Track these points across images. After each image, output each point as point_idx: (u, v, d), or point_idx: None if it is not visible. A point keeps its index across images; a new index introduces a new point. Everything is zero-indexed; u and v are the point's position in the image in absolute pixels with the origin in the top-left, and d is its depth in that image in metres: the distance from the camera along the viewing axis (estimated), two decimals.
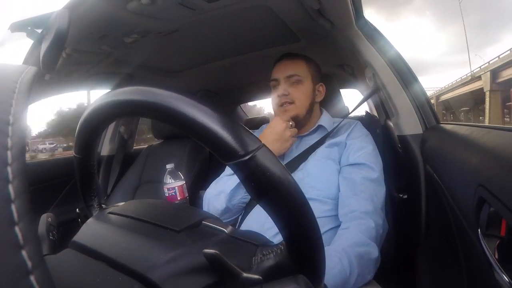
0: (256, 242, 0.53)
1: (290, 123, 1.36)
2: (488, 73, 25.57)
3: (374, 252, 1.08)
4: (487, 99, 26.02)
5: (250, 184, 0.40)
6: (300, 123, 1.44)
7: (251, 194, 0.42)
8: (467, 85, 31.70)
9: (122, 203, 0.75)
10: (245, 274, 0.43)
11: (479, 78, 28.04)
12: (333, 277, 0.94)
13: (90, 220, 0.66)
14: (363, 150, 1.32)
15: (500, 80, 25.12)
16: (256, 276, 0.44)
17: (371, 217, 1.14)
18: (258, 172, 0.39)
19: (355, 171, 1.28)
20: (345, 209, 1.20)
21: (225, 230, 0.57)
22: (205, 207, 1.41)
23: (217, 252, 0.42)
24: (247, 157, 0.38)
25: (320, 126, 1.46)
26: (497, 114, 25.77)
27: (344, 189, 1.26)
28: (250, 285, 0.43)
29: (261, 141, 0.40)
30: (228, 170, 1.46)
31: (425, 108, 1.38)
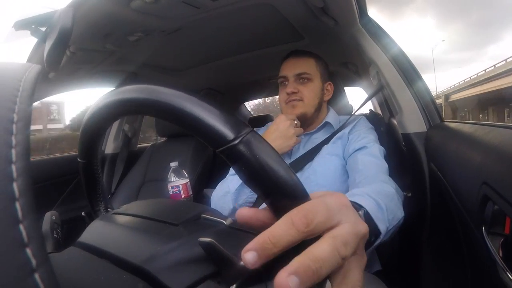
0: (254, 231, 0.53)
1: (296, 122, 1.34)
2: (443, 96, 46.49)
3: (389, 189, 1.01)
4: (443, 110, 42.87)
5: (241, 169, 0.39)
6: (307, 121, 1.44)
7: (244, 180, 0.41)
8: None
9: (126, 205, 0.75)
10: (241, 262, 0.43)
11: (439, 97, 48.25)
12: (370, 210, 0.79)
13: (94, 221, 0.66)
14: (365, 139, 1.32)
15: (450, 100, 45.74)
16: None
17: (377, 177, 1.12)
18: (249, 155, 0.38)
19: (357, 154, 1.28)
20: (353, 183, 1.18)
21: (224, 222, 0.57)
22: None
23: (212, 240, 0.42)
24: (236, 141, 0.38)
25: (327, 123, 1.46)
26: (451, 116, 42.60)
27: (351, 174, 1.25)
28: (247, 273, 0.43)
29: (249, 126, 0.40)
30: (232, 170, 1.45)
31: (429, 106, 1.38)
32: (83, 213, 2.12)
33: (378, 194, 0.91)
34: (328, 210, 0.39)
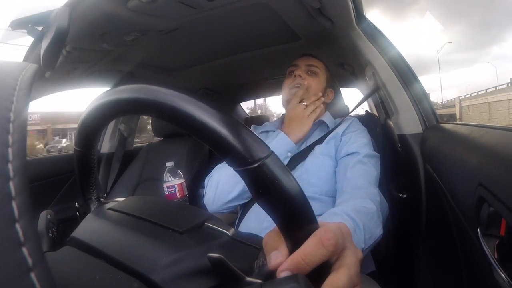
0: (258, 245, 0.53)
1: (305, 103, 1.40)
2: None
3: (370, 206, 1.03)
4: None
5: (258, 191, 0.39)
6: None
7: (257, 200, 0.41)
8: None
9: (121, 199, 0.75)
10: (247, 278, 0.43)
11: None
12: None
13: (89, 215, 0.66)
14: (356, 143, 1.34)
15: None
16: (258, 281, 0.44)
17: (364, 191, 1.13)
18: (266, 180, 0.38)
19: (347, 159, 1.30)
20: (340, 191, 1.21)
21: (228, 233, 0.57)
22: (211, 191, 1.36)
23: (221, 256, 0.42)
24: (255, 165, 0.37)
25: (322, 122, 1.48)
26: None
27: (338, 178, 1.28)
28: None
29: (269, 148, 0.40)
30: None
31: (425, 108, 1.38)
32: (76, 204, 2.12)
33: (358, 213, 0.96)
34: (343, 234, 0.43)
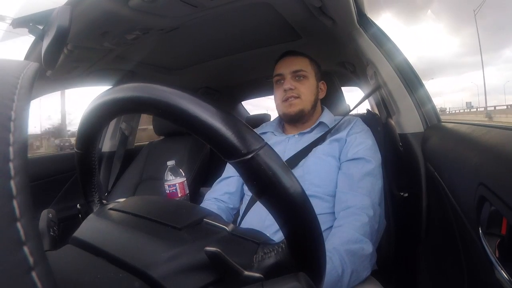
0: (257, 240, 0.53)
1: None
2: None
3: (368, 248, 1.05)
4: None
5: (253, 182, 0.39)
6: (304, 118, 1.46)
7: (253, 192, 0.41)
8: None
9: (122, 200, 0.75)
10: (246, 272, 0.43)
11: None
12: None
13: (90, 216, 0.66)
14: (362, 145, 1.32)
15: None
16: (257, 274, 0.44)
17: (366, 212, 1.13)
18: (260, 171, 0.38)
19: (353, 166, 1.28)
20: (341, 205, 1.19)
21: (227, 228, 0.56)
22: None
23: (218, 250, 0.42)
24: (249, 156, 0.38)
25: (321, 123, 1.46)
26: None
27: (341, 185, 1.26)
28: (251, 283, 0.43)
29: (263, 140, 0.40)
30: (225, 173, 1.49)
31: (427, 107, 1.38)
32: (78, 206, 2.13)
33: (351, 256, 1.00)
34: None
